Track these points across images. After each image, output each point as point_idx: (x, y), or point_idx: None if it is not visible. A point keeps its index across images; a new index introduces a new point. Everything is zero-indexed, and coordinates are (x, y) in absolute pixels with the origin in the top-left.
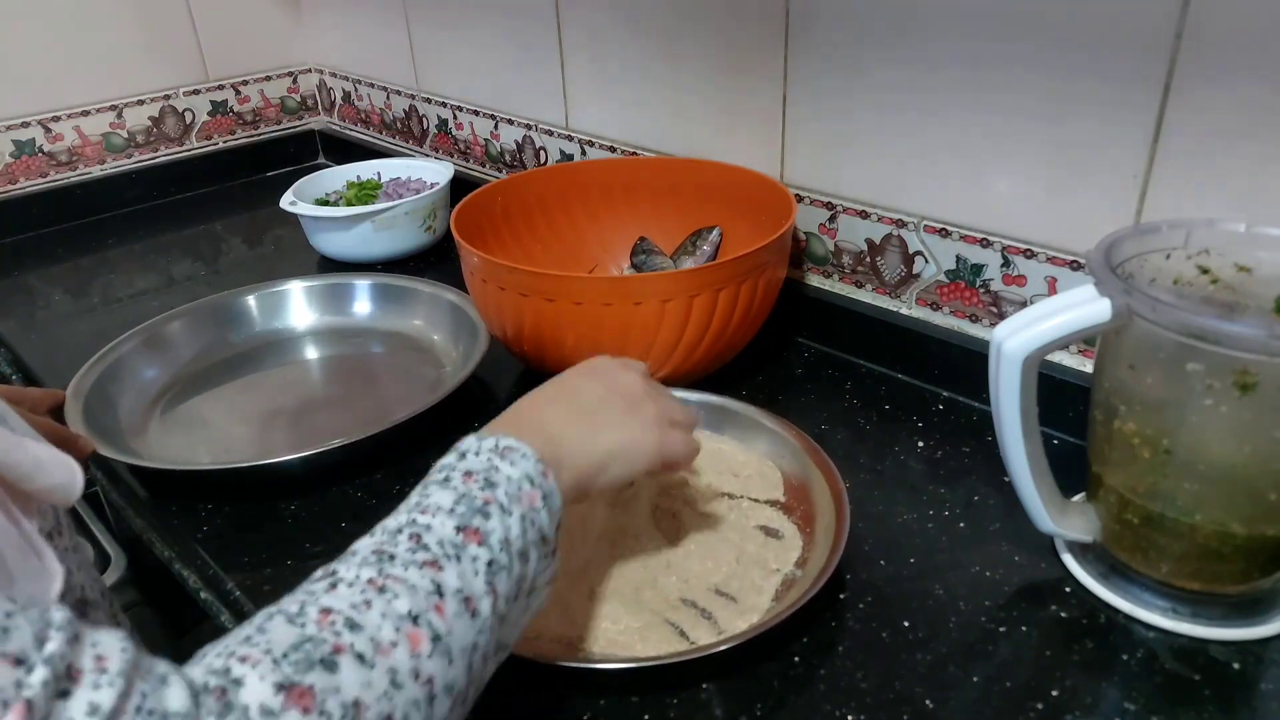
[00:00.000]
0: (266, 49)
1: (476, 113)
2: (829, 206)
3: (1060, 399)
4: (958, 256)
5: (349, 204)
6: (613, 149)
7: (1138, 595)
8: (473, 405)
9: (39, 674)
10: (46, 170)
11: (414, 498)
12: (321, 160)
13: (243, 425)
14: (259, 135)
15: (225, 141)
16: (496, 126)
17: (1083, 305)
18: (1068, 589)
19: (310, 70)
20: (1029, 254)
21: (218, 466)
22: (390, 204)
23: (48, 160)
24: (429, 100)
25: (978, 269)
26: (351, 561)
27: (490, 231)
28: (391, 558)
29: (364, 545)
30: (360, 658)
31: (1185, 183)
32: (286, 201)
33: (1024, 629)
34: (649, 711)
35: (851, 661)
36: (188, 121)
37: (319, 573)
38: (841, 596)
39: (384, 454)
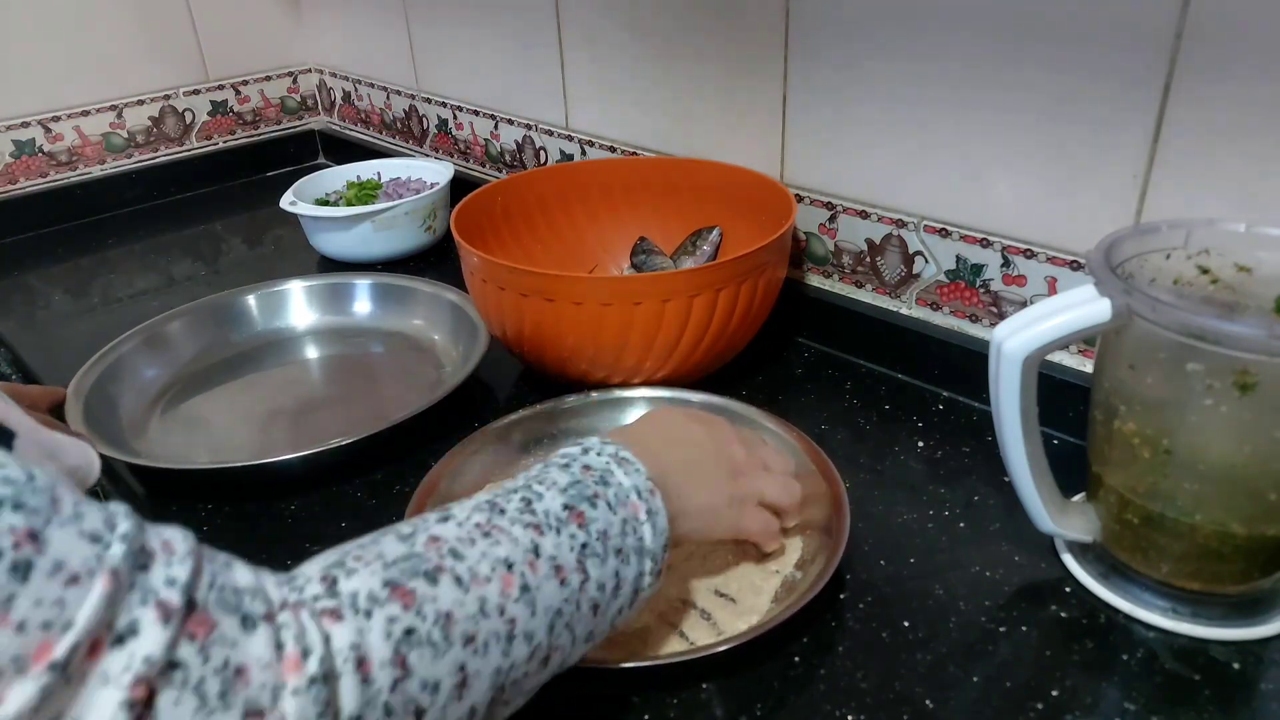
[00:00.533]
0: (266, 49)
1: (476, 113)
2: (829, 206)
3: (1060, 399)
4: (958, 256)
5: (349, 204)
6: (613, 149)
7: (1138, 595)
8: (473, 405)
9: (117, 548)
10: (46, 170)
11: (536, 469)
12: (321, 160)
13: (243, 425)
14: (259, 135)
15: (225, 141)
16: (496, 126)
17: (1083, 305)
18: (1068, 589)
19: (310, 70)
20: (1029, 254)
21: (217, 466)
22: (390, 204)
23: (48, 160)
24: (429, 100)
25: (978, 269)
26: (466, 505)
27: (490, 231)
28: (501, 511)
29: (482, 495)
30: (458, 580)
31: (1185, 183)
32: (286, 201)
33: (1024, 629)
34: (649, 711)
35: (851, 661)
36: (188, 121)
37: (433, 510)
38: (841, 596)
39: (384, 454)
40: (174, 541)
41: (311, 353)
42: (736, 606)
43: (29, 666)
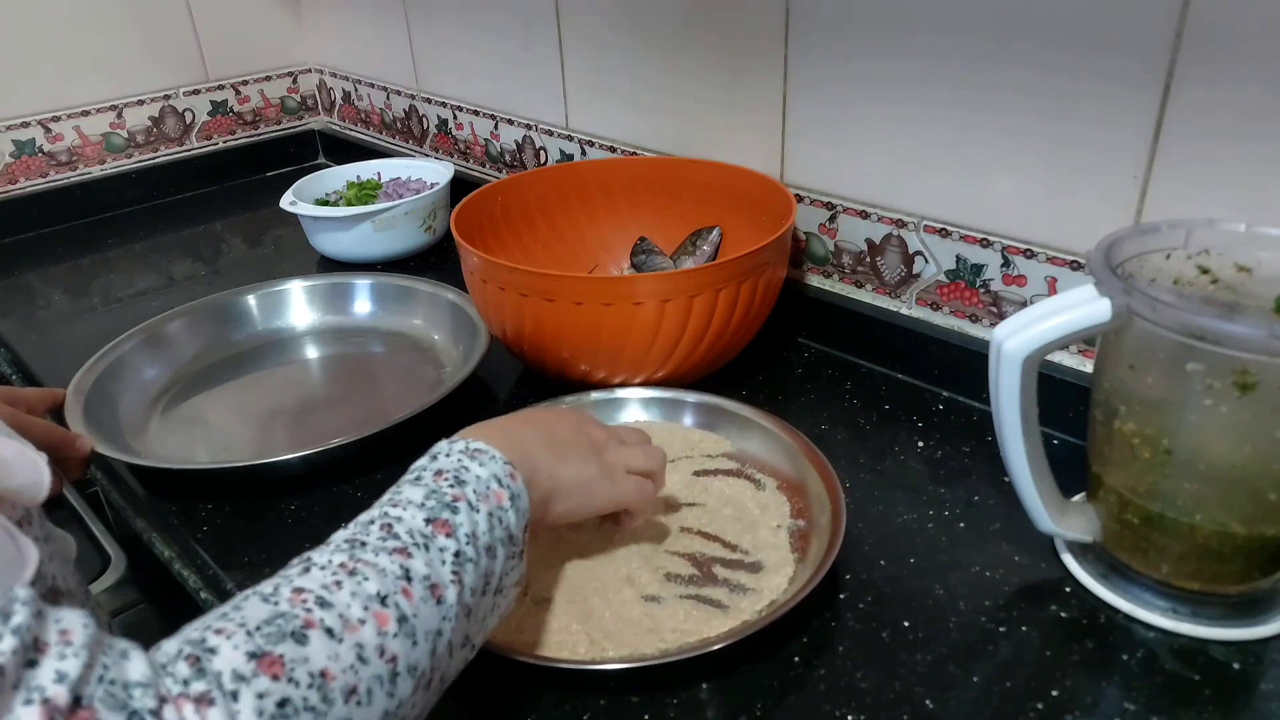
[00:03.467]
0: (266, 49)
1: (476, 113)
2: (829, 206)
3: (1060, 399)
4: (958, 256)
5: (349, 204)
6: (613, 149)
7: (1138, 595)
8: (473, 405)
9: (7, 643)
10: (46, 170)
11: (387, 495)
12: (321, 160)
13: (243, 425)
14: (259, 135)
15: (225, 141)
16: (496, 126)
17: (1083, 305)
18: (1068, 589)
19: (310, 70)
20: (1029, 254)
21: (217, 466)
22: (390, 204)
23: (48, 160)
24: (429, 100)
25: (978, 269)
26: (325, 549)
27: (490, 231)
28: (363, 544)
29: (338, 535)
30: (329, 632)
31: (1185, 183)
32: (286, 201)
33: (1024, 629)
34: (649, 711)
35: (851, 661)
36: (188, 121)
37: (295, 560)
38: (841, 596)
39: (384, 454)
40: (72, 631)
41: (311, 352)
42: (762, 567)
43: None
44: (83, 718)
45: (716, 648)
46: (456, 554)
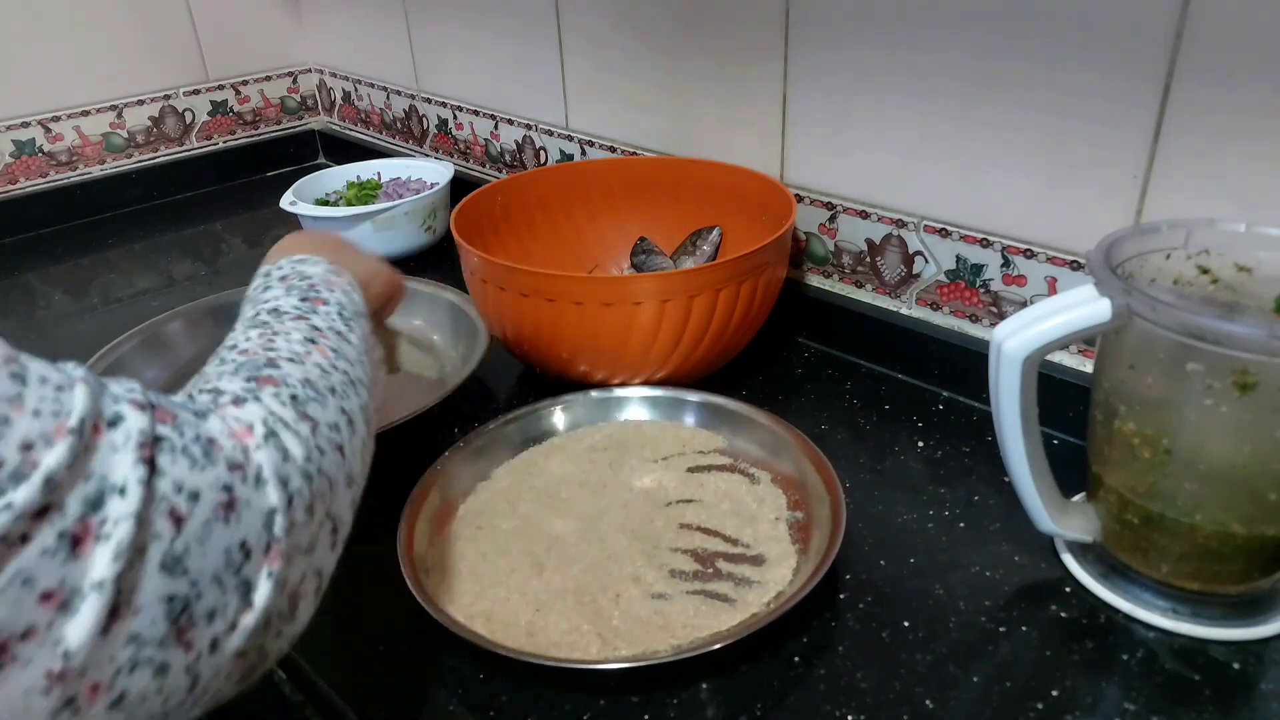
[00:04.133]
0: (266, 49)
1: (476, 113)
2: (829, 206)
3: (1060, 399)
4: (958, 256)
5: (349, 204)
6: (613, 149)
7: (1138, 595)
8: (473, 405)
9: (78, 370)
10: (46, 170)
11: (244, 308)
12: (321, 160)
13: None
14: (259, 135)
15: (225, 141)
16: (496, 126)
17: (1083, 305)
18: (1068, 589)
19: (310, 70)
20: (1029, 254)
21: None
22: (390, 204)
23: (48, 160)
24: (429, 100)
25: (978, 269)
26: (236, 334)
27: (490, 231)
28: (264, 325)
29: (234, 335)
30: (291, 359)
31: (1185, 183)
32: (286, 201)
33: (1024, 629)
34: (649, 711)
35: (851, 661)
36: (188, 121)
37: (217, 352)
38: (841, 596)
39: (384, 454)
40: (108, 378)
41: None
42: (763, 559)
43: (55, 439)
44: (160, 413)
45: (718, 646)
46: (340, 313)
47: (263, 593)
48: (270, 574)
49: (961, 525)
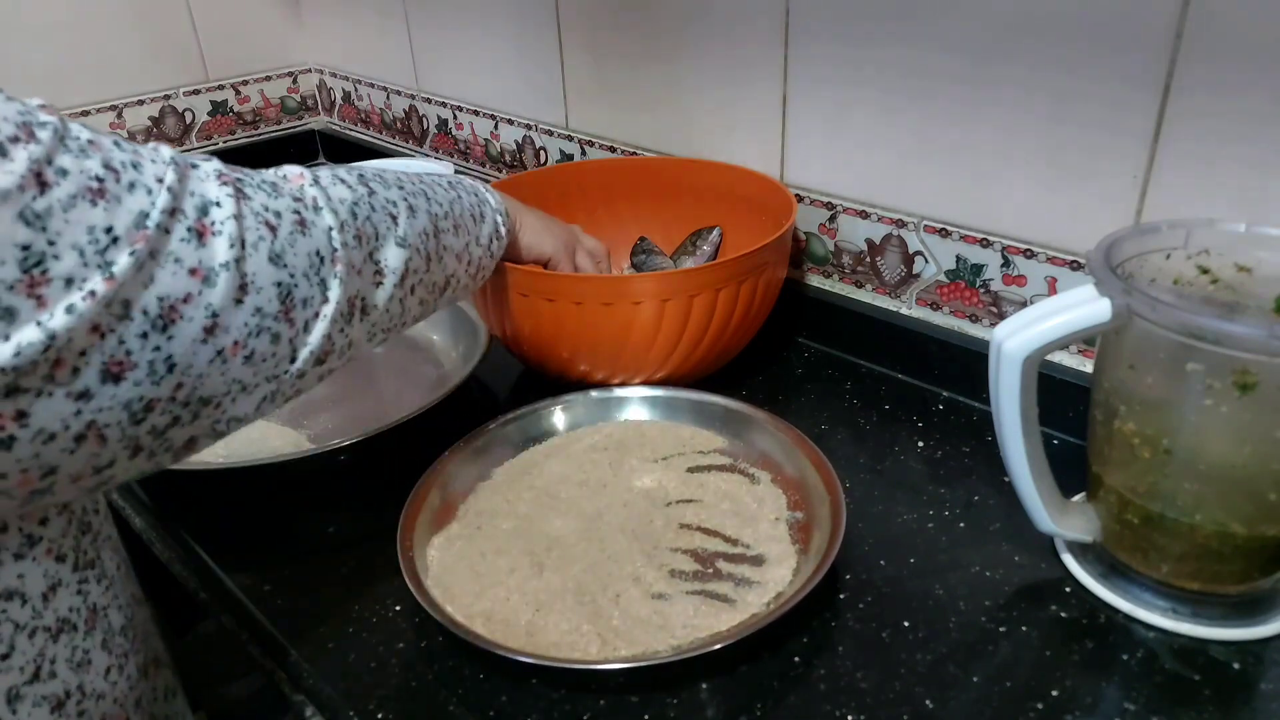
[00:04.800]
0: (266, 49)
1: (476, 113)
2: (829, 206)
3: (1060, 399)
4: (958, 256)
5: None
6: (613, 149)
7: (1138, 595)
8: (473, 405)
9: (167, 151)
10: None
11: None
12: (321, 160)
13: None
14: (259, 135)
15: (225, 141)
16: (496, 126)
17: (1083, 305)
18: (1068, 589)
19: (310, 70)
20: (1029, 254)
21: (218, 466)
22: None
23: None
24: (429, 100)
25: (978, 269)
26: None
27: None
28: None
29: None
30: (380, 180)
31: (1185, 183)
32: None
33: (1024, 629)
34: (649, 710)
35: (851, 661)
36: (188, 121)
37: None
38: (841, 596)
39: (384, 454)
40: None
41: None
42: (763, 559)
43: (166, 171)
44: (230, 168)
45: (718, 646)
46: (474, 210)
47: (334, 290)
48: (337, 275)
49: (961, 525)
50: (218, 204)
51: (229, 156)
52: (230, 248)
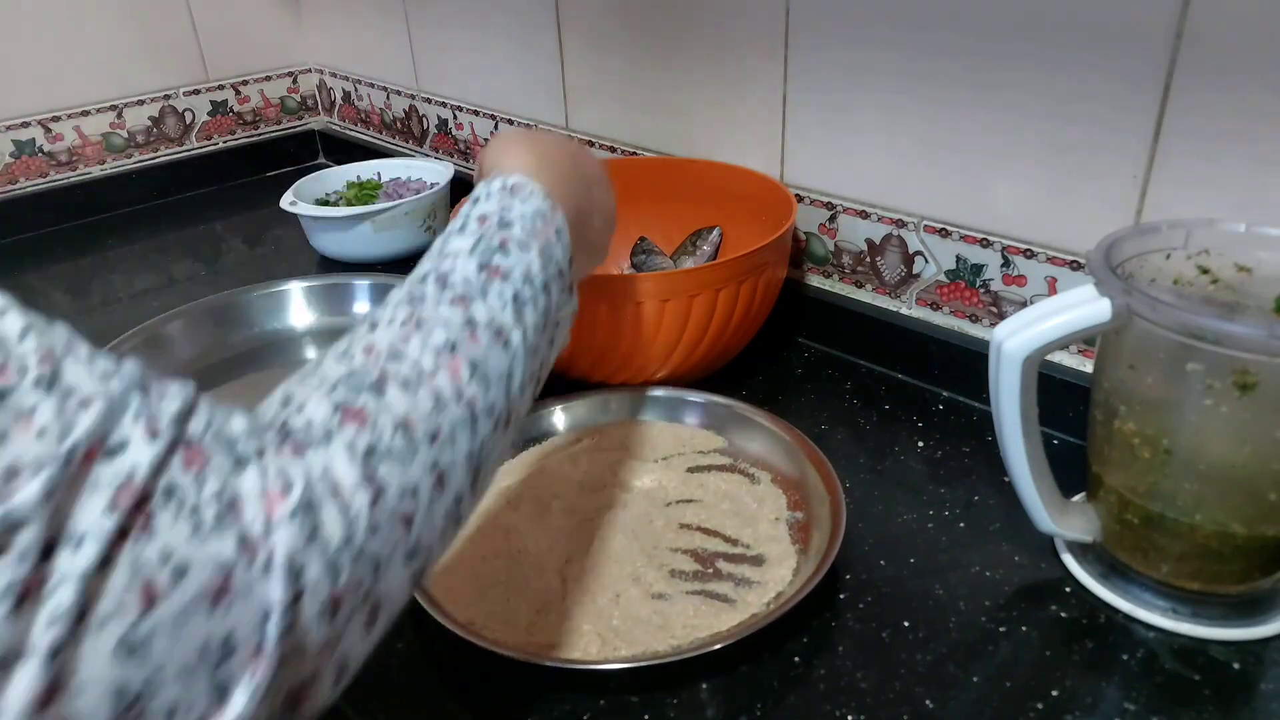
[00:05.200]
0: (266, 49)
1: (476, 113)
2: (829, 206)
3: (1060, 399)
4: (958, 256)
5: (349, 204)
6: (613, 149)
7: (1138, 595)
8: None
9: (118, 382)
10: (46, 170)
11: (435, 246)
12: (321, 160)
13: None
14: (259, 135)
15: (225, 141)
16: (496, 126)
17: (1083, 305)
18: (1068, 589)
19: (310, 70)
20: (1029, 254)
21: None
22: (390, 204)
23: (48, 160)
24: (429, 100)
25: (978, 269)
26: (386, 309)
27: None
28: (422, 300)
29: (393, 297)
30: (405, 384)
31: (1185, 183)
32: (286, 201)
33: (1024, 629)
34: (649, 711)
35: (851, 661)
36: (188, 121)
37: (360, 320)
38: (841, 596)
39: None
40: (171, 386)
41: (311, 353)
42: (764, 559)
43: (45, 467)
44: (191, 452)
45: (718, 646)
46: (515, 296)
47: (239, 702)
48: (252, 682)
49: (961, 525)
50: (77, 545)
51: (229, 156)
52: (49, 625)
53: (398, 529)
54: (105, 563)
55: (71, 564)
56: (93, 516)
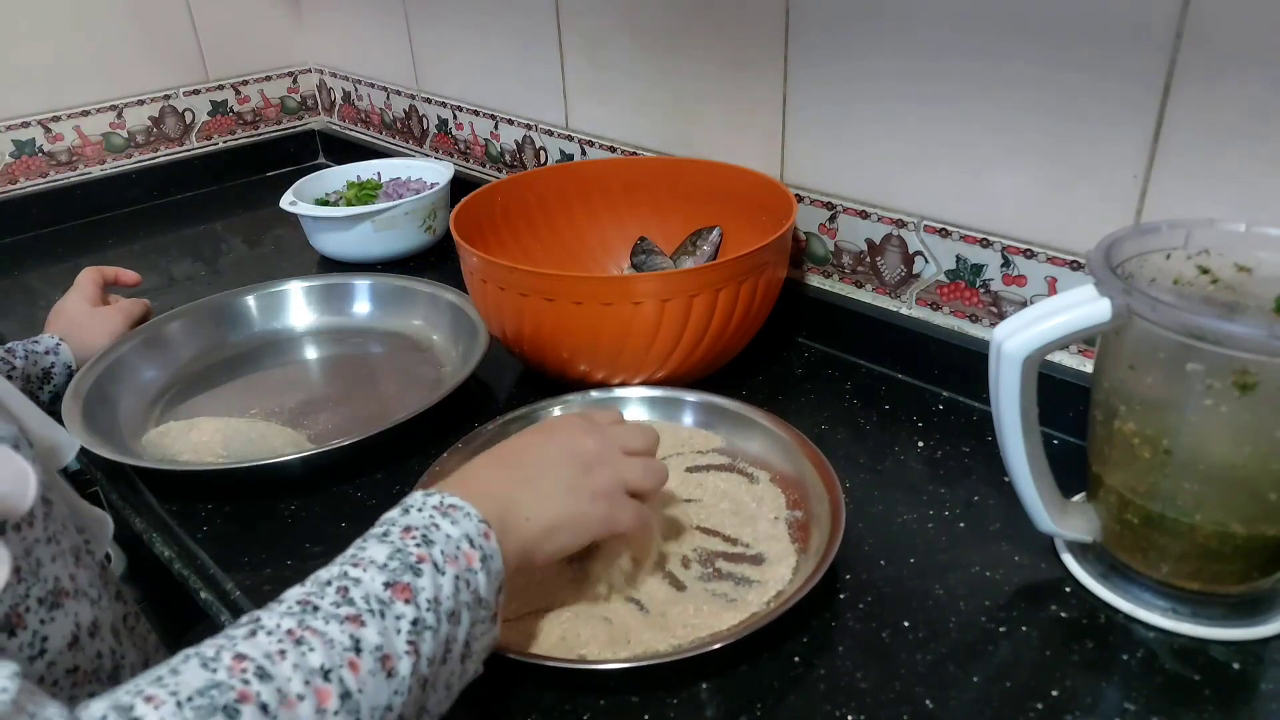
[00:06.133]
0: (266, 49)
1: (476, 113)
2: (829, 206)
3: (1060, 399)
4: (958, 256)
5: (349, 204)
6: (613, 149)
7: (1138, 595)
8: (473, 405)
9: None
10: (46, 170)
11: (352, 548)
12: (321, 160)
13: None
14: (259, 135)
15: (225, 141)
16: (496, 126)
17: (1083, 305)
18: (1068, 589)
19: (310, 70)
20: (1029, 254)
21: (218, 467)
22: (390, 204)
23: (48, 160)
24: (429, 100)
25: (978, 269)
26: (276, 610)
27: (490, 231)
28: (315, 609)
29: (292, 594)
30: (264, 708)
31: (1185, 183)
32: (286, 201)
33: (1024, 629)
34: (649, 711)
35: (851, 661)
36: (188, 121)
37: (244, 618)
38: (841, 596)
39: (384, 454)
40: None
41: (311, 353)
42: (763, 558)
43: None
44: None
45: (717, 646)
46: (415, 621)
47: None
48: None
49: (961, 525)
50: None
51: (229, 156)
52: None
53: None
54: None
55: None
56: None
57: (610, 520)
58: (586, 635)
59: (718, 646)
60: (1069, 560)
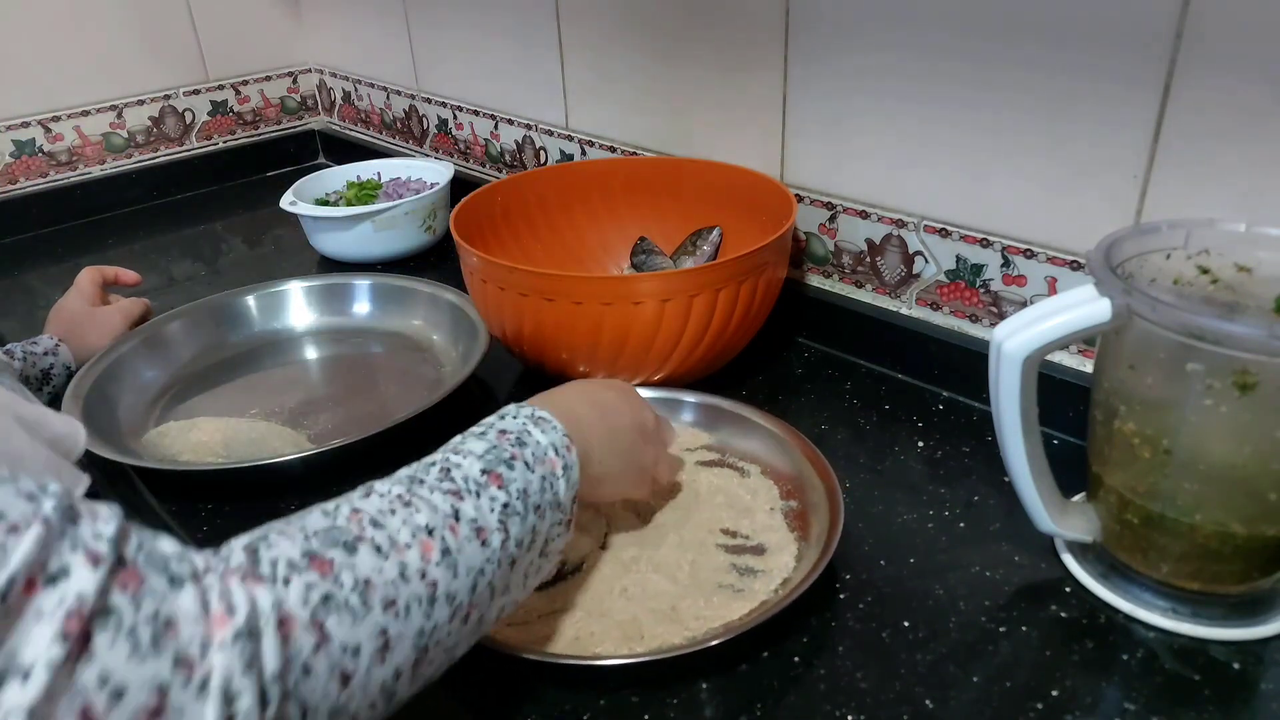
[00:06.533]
0: (266, 49)
1: (476, 113)
2: (829, 206)
3: (1060, 399)
4: (958, 256)
5: (349, 204)
6: (613, 149)
7: (1138, 595)
8: (473, 405)
9: (49, 503)
10: (46, 170)
11: (453, 441)
12: (321, 160)
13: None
14: (259, 135)
15: (225, 141)
16: (496, 126)
17: (1083, 305)
18: (1068, 589)
19: (310, 70)
20: (1029, 254)
21: (218, 467)
22: (390, 204)
23: (48, 160)
24: (429, 100)
25: (978, 269)
26: (388, 480)
27: (490, 231)
28: (421, 482)
29: (402, 471)
30: (378, 549)
31: (1185, 183)
32: (286, 201)
33: (1024, 629)
34: (649, 710)
35: (851, 661)
36: (188, 121)
37: (360, 486)
38: (841, 596)
39: (384, 454)
40: (101, 509)
41: (311, 353)
42: (766, 549)
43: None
44: (126, 574)
45: (715, 643)
46: (505, 505)
47: None
48: None
49: (961, 525)
50: (25, 677)
51: (229, 156)
52: None
53: (333, 683)
54: (50, 694)
55: (20, 697)
56: (40, 646)
57: (646, 488)
58: (600, 634)
59: (715, 643)
60: (1069, 560)
